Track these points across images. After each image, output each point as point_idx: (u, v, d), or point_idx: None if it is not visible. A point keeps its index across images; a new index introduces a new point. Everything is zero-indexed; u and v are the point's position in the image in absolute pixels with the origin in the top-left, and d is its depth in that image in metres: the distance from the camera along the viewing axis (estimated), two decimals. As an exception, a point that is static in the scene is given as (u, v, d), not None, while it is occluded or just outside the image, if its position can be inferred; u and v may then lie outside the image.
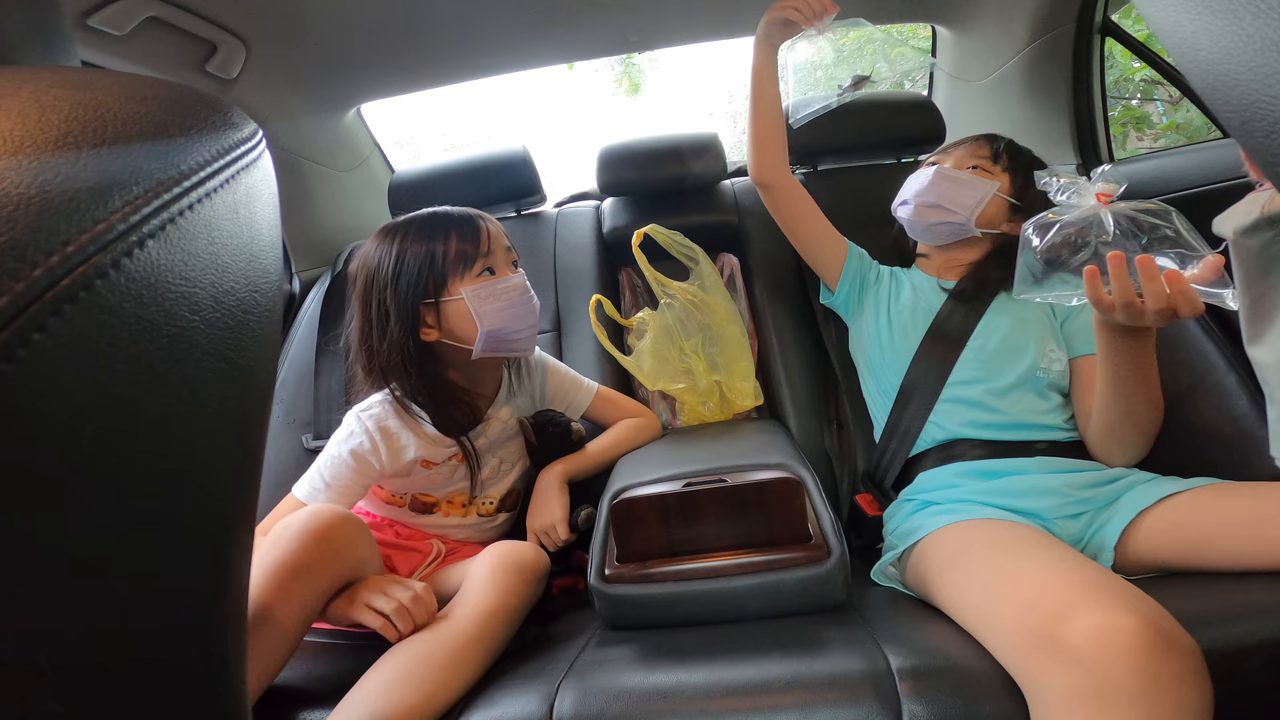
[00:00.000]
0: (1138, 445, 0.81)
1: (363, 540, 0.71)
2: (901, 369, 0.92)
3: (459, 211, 0.90)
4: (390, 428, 0.85)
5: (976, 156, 0.97)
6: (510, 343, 0.89)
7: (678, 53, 6.91)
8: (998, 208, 0.94)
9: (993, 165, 0.96)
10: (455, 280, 0.85)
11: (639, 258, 1.12)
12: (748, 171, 1.03)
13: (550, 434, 0.96)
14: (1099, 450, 0.83)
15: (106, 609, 0.21)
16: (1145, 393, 0.76)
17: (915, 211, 0.96)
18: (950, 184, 0.94)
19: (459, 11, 1.21)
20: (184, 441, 0.23)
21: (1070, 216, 0.66)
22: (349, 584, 0.69)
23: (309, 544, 0.65)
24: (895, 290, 1.00)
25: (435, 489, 0.92)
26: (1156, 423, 0.79)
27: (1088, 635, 0.47)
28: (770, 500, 0.67)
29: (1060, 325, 0.91)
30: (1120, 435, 0.80)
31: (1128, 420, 0.78)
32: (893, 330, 0.96)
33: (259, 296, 0.27)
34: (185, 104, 0.26)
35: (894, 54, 1.09)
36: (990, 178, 0.94)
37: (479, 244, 0.86)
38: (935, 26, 1.50)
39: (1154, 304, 0.62)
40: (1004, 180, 0.95)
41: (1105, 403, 0.78)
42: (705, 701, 0.54)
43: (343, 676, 0.62)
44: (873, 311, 0.99)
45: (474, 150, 1.37)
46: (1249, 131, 0.25)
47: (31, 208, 0.19)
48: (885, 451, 0.92)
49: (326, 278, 1.33)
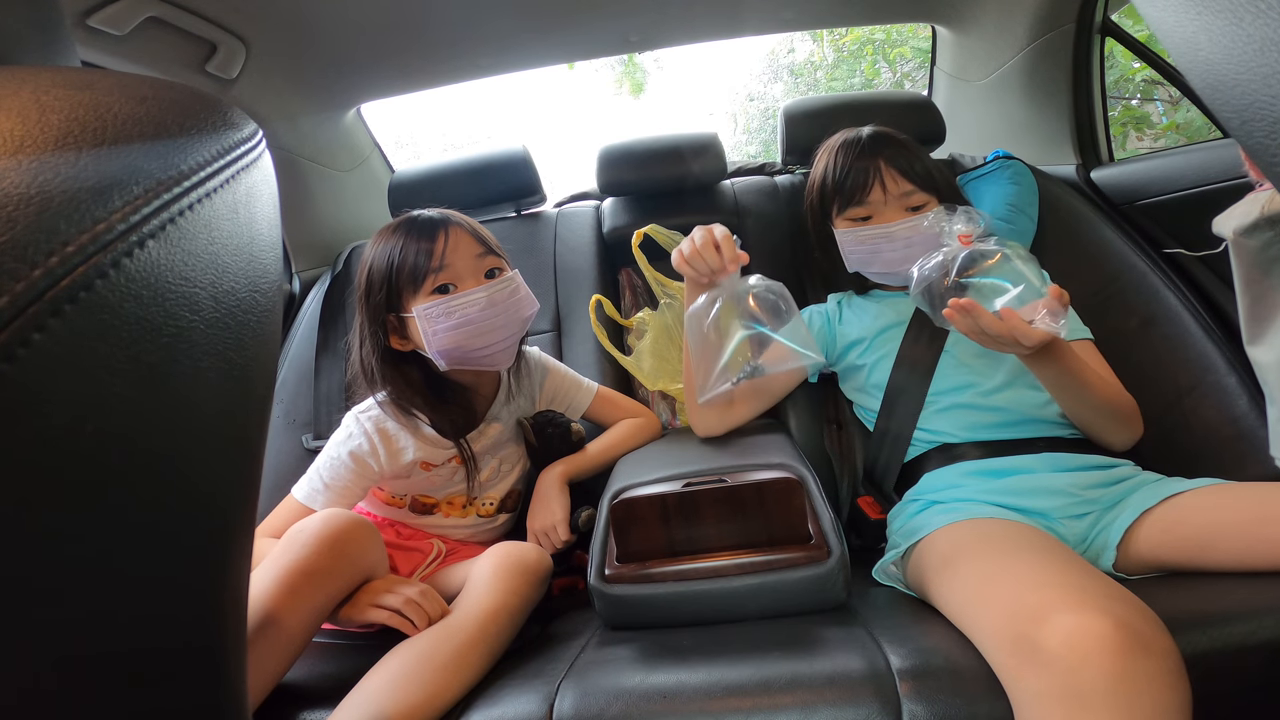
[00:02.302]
0: (1122, 432, 0.83)
1: (374, 544, 0.71)
2: (883, 378, 0.92)
3: (424, 219, 0.86)
4: (389, 430, 0.85)
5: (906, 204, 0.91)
6: (475, 360, 0.86)
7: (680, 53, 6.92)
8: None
9: (924, 194, 0.91)
10: (409, 297, 0.83)
11: (639, 258, 1.12)
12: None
13: (550, 435, 0.95)
14: (1094, 439, 0.84)
15: (106, 605, 0.21)
16: (1086, 396, 0.79)
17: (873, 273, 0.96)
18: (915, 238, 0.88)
19: (459, 12, 1.21)
20: (184, 441, 0.23)
21: (938, 258, 0.74)
22: (358, 588, 0.70)
23: (323, 549, 0.65)
24: (861, 315, 0.99)
25: (435, 490, 0.92)
26: (1122, 414, 0.82)
27: (1060, 638, 0.47)
28: (770, 500, 0.67)
29: None
30: (1098, 429, 0.82)
31: (1089, 419, 0.82)
32: (871, 345, 0.95)
33: (259, 296, 0.27)
34: (185, 104, 0.26)
35: (894, 54, 1.09)
36: (931, 205, 0.90)
37: (431, 258, 0.82)
38: (935, 26, 1.50)
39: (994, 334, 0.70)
40: (931, 200, 0.91)
41: (1063, 409, 0.83)
42: (705, 701, 0.54)
43: (344, 676, 0.62)
44: (853, 344, 0.98)
45: (474, 150, 1.37)
46: (1249, 131, 0.25)
47: (31, 208, 0.19)
48: (879, 456, 0.92)
49: (326, 278, 1.33)
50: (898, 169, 0.91)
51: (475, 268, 0.86)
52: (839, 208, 0.94)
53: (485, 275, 0.86)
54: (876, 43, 5.38)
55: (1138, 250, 1.03)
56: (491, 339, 0.84)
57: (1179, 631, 0.49)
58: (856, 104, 1.26)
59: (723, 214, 1.30)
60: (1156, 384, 0.92)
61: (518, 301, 0.87)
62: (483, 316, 0.83)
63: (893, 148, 0.93)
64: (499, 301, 0.84)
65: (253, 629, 0.59)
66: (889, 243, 0.89)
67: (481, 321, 0.83)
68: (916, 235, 0.87)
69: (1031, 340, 0.68)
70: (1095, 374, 0.81)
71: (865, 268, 0.95)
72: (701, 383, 0.79)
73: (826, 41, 6.19)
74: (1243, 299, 0.76)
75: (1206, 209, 0.80)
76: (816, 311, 1.02)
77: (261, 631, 0.59)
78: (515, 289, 0.88)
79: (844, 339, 0.98)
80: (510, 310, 0.86)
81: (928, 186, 0.91)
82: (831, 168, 0.95)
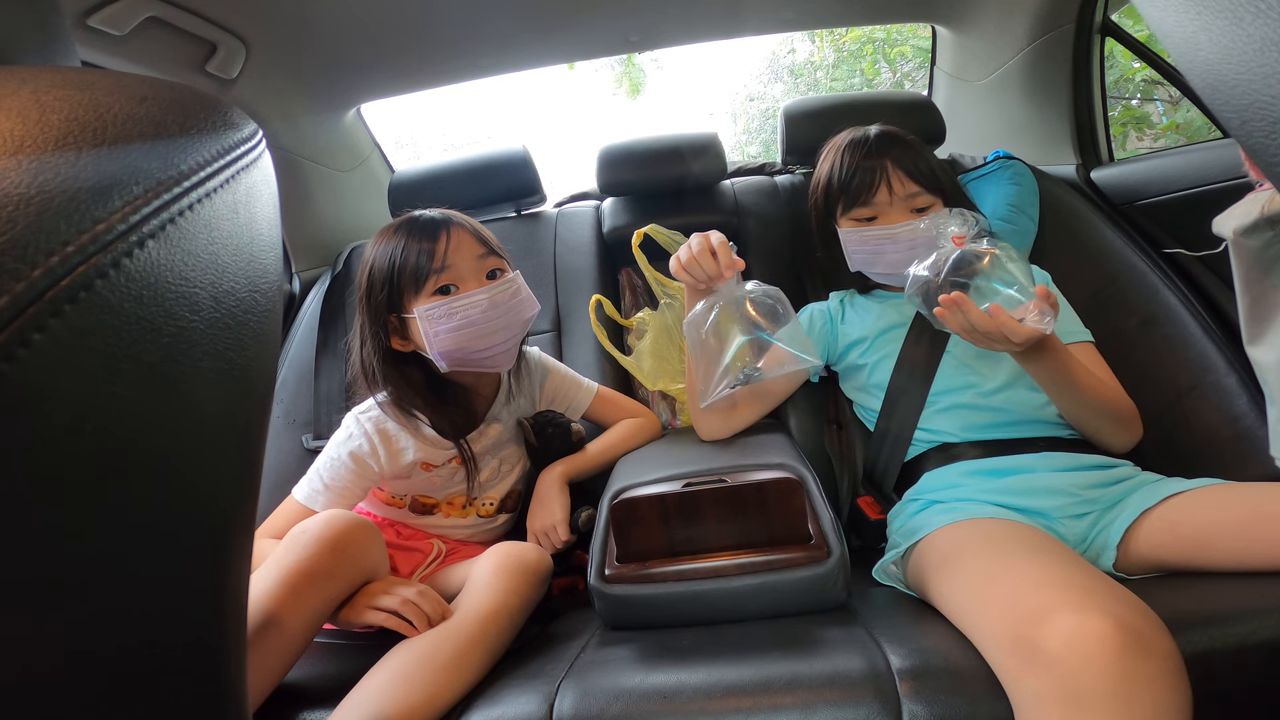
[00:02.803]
0: (1120, 434, 0.83)
1: (375, 546, 0.71)
2: (884, 379, 0.92)
3: (426, 219, 0.86)
4: (389, 430, 0.85)
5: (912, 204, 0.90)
6: (476, 361, 0.86)
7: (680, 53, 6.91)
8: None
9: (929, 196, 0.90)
10: (410, 297, 0.83)
11: (639, 258, 1.12)
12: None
13: (550, 435, 0.95)
14: (1093, 442, 0.84)
15: (105, 604, 0.21)
16: (1081, 396, 0.79)
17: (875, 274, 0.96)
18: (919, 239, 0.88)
19: (459, 12, 1.21)
20: (184, 440, 0.23)
21: (932, 258, 0.76)
22: (360, 588, 0.70)
23: (324, 550, 0.65)
24: (863, 314, 0.98)
25: (435, 491, 0.92)
26: (1121, 417, 0.82)
27: (1060, 639, 0.47)
28: (770, 500, 0.67)
29: None
30: (1095, 431, 0.82)
31: (1086, 420, 0.82)
32: (873, 345, 0.95)
33: (259, 296, 0.27)
34: (185, 104, 0.26)
35: (894, 53, 1.09)
36: (937, 207, 0.90)
37: (433, 259, 0.82)
38: (935, 26, 1.50)
39: (983, 331, 0.70)
40: (937, 202, 0.90)
41: (1060, 410, 0.83)
42: (705, 701, 0.54)
43: (344, 676, 0.62)
44: (854, 343, 0.98)
45: (474, 150, 1.37)
46: (1249, 131, 0.25)
47: (31, 208, 0.19)
48: (879, 456, 0.92)
49: (326, 278, 1.33)
50: (904, 170, 0.90)
51: (477, 268, 0.86)
52: (844, 207, 0.94)
53: (487, 276, 0.86)
54: (877, 42, 5.38)
55: (1138, 250, 1.03)
56: (493, 340, 0.84)
57: (1179, 631, 0.49)
58: (856, 104, 1.26)
59: (723, 214, 1.30)
60: (1156, 384, 0.92)
61: (519, 303, 0.87)
62: (484, 318, 0.83)
63: (899, 148, 0.92)
64: (500, 303, 0.84)
65: (254, 629, 0.58)
66: (893, 244, 0.89)
67: (483, 323, 0.83)
68: (920, 238, 0.86)
69: (1020, 337, 0.69)
70: (1091, 375, 0.80)
71: (868, 268, 0.95)
72: (702, 388, 0.79)
73: (826, 41, 6.19)
74: (1243, 299, 0.76)
75: (1206, 209, 0.80)
76: (818, 309, 1.02)
77: (263, 632, 0.59)
78: (517, 290, 0.87)
79: (845, 338, 0.98)
80: (512, 312, 0.86)
81: (933, 188, 0.91)
82: (837, 167, 0.94)
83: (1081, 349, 0.88)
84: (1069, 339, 0.88)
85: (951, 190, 0.94)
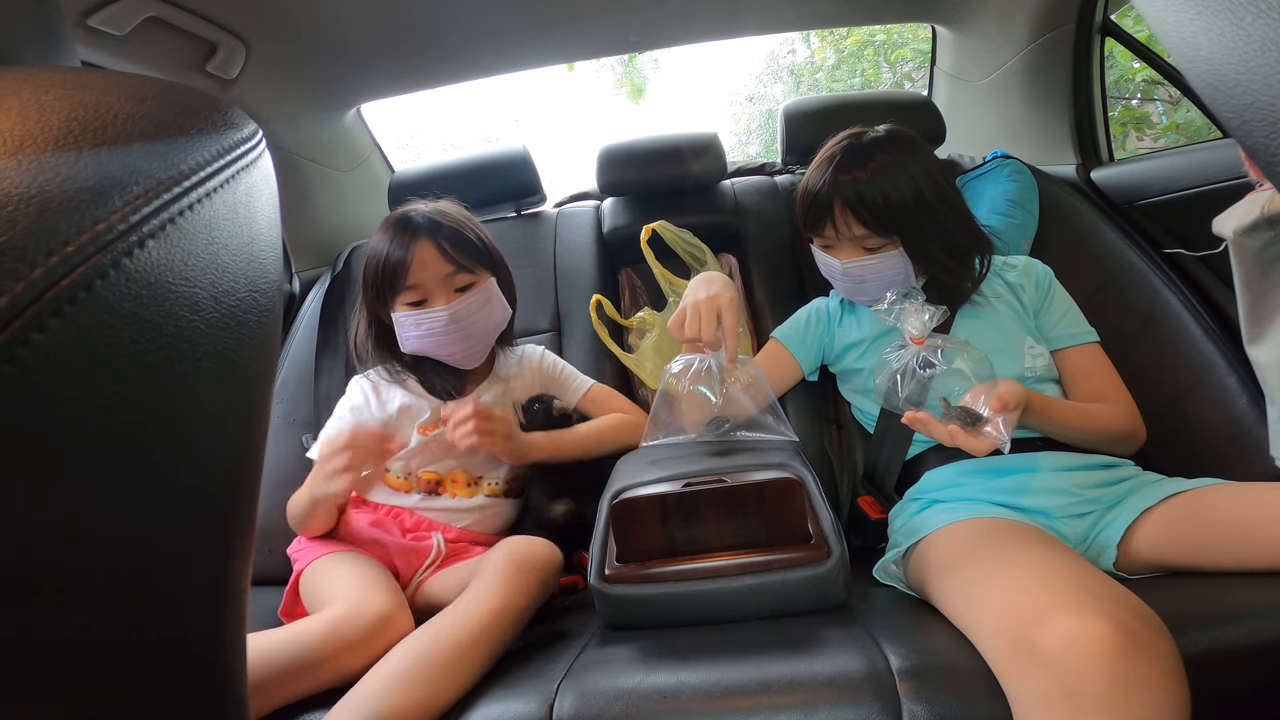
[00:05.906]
0: (1120, 447, 0.83)
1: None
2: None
3: (409, 224, 0.92)
4: (380, 385, 0.97)
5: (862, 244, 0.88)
6: (443, 359, 0.95)
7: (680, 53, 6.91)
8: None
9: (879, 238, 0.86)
10: (390, 300, 0.93)
11: (648, 254, 1.12)
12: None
13: (535, 411, 0.98)
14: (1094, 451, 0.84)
15: (105, 603, 0.21)
16: (1075, 435, 0.80)
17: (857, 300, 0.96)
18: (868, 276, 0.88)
19: (459, 11, 1.21)
20: (184, 441, 0.23)
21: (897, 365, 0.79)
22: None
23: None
24: (860, 317, 0.98)
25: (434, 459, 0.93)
26: (1121, 437, 0.82)
27: (1059, 640, 0.47)
28: (770, 500, 0.67)
29: (1035, 321, 0.90)
30: (1092, 447, 0.82)
31: (1087, 443, 0.82)
32: (870, 349, 0.95)
33: (259, 296, 0.27)
34: (185, 104, 0.26)
35: (894, 56, 1.09)
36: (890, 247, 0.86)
37: (404, 274, 0.90)
38: (935, 26, 1.50)
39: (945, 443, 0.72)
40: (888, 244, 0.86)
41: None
42: (705, 701, 0.54)
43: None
44: (851, 346, 0.97)
45: (474, 150, 1.38)
46: (1249, 131, 0.25)
47: (31, 208, 0.19)
48: (879, 456, 0.92)
49: (326, 278, 1.33)
50: (854, 214, 0.85)
51: (445, 285, 0.92)
52: (806, 229, 0.94)
53: (456, 290, 0.92)
54: (877, 44, 5.38)
55: (1138, 250, 1.03)
56: (457, 347, 0.93)
57: (1179, 631, 0.49)
58: (856, 104, 1.27)
59: (722, 214, 1.30)
60: (1157, 384, 0.92)
61: (487, 313, 0.95)
62: (446, 330, 0.91)
63: (857, 184, 0.84)
64: (464, 317, 0.92)
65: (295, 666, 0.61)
66: (845, 278, 0.91)
67: (445, 334, 0.91)
68: (870, 274, 0.88)
69: (979, 453, 0.70)
70: (1083, 413, 0.81)
71: (834, 284, 0.96)
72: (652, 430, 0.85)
73: (826, 43, 6.19)
74: (1243, 299, 0.77)
75: (1206, 209, 0.80)
76: (816, 308, 1.02)
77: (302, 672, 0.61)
78: (487, 300, 0.94)
79: (842, 340, 0.98)
80: (477, 323, 0.94)
81: (886, 230, 0.85)
82: (805, 186, 0.92)
83: (1087, 350, 0.88)
84: (1075, 340, 0.88)
85: (912, 226, 0.86)
